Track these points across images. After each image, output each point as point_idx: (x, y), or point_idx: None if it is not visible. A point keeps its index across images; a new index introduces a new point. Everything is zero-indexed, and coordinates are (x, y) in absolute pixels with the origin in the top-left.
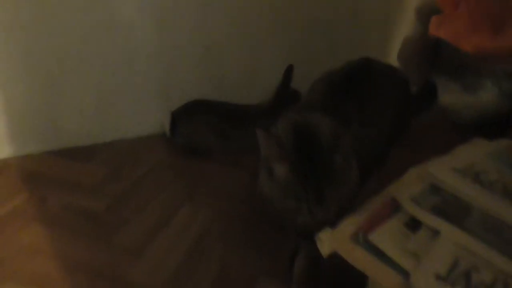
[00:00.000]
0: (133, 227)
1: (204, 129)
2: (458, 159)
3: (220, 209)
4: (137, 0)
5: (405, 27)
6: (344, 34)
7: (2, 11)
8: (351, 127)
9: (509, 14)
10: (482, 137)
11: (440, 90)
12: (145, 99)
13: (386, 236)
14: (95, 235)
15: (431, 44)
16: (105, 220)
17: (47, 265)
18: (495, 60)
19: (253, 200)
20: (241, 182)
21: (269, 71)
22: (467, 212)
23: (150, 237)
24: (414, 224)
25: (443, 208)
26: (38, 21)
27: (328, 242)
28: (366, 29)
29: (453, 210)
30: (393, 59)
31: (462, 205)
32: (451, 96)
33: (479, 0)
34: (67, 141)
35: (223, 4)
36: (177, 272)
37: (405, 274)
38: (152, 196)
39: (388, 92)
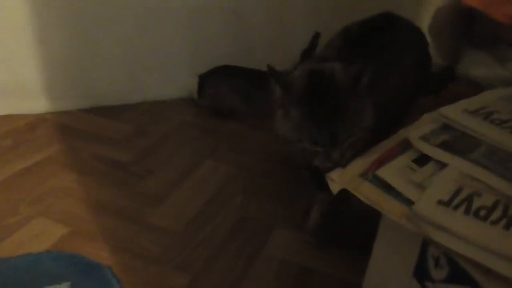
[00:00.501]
0: (156, 177)
1: (230, 91)
2: (471, 102)
3: (241, 164)
4: None
5: None
6: (374, 2)
7: None
8: (367, 74)
9: None
10: None
11: (472, 63)
12: (174, 62)
13: (393, 171)
14: (121, 182)
15: (464, 15)
16: (131, 170)
17: (75, 205)
18: None
19: (274, 156)
20: (263, 142)
21: (296, 38)
22: (475, 146)
23: (172, 186)
24: (422, 160)
25: (452, 143)
26: None
27: (338, 180)
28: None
29: (462, 145)
30: (424, 30)
31: (471, 140)
32: (483, 68)
33: None
34: (99, 100)
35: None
36: (196, 218)
37: (410, 203)
38: (176, 151)
39: (408, 45)
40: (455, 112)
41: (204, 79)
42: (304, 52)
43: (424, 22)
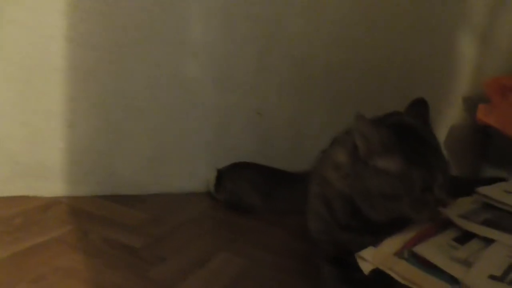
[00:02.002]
0: (168, 265)
1: (248, 186)
2: (509, 184)
3: (257, 258)
4: (202, 59)
5: (453, 116)
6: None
7: (81, 63)
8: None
9: None
10: None
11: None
12: (195, 155)
13: (433, 248)
14: (130, 267)
15: (480, 133)
16: (142, 256)
17: (78, 287)
18: None
19: (292, 253)
20: (280, 238)
21: (314, 139)
22: None
23: (184, 275)
24: (463, 239)
25: (495, 221)
26: (111, 68)
27: (370, 259)
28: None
29: (507, 222)
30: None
31: None
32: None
33: None
34: (118, 188)
35: (277, 72)
36: None
37: (454, 282)
38: (190, 241)
39: None
40: (496, 192)
41: (223, 173)
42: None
43: (441, 138)
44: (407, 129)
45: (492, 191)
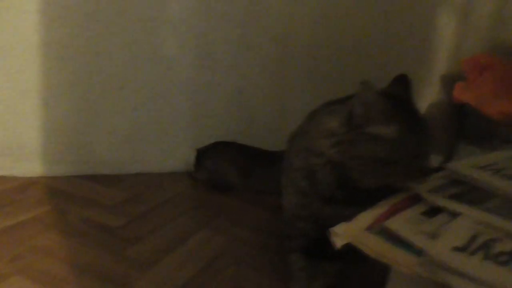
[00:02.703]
0: (146, 244)
1: (228, 166)
2: (479, 160)
3: (236, 236)
4: (181, 36)
5: (430, 94)
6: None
7: (56, 39)
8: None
9: None
10: None
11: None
12: (174, 135)
13: (402, 222)
14: (108, 246)
15: (457, 111)
16: (120, 235)
17: (56, 266)
18: None
19: (271, 230)
20: (260, 216)
21: (295, 117)
22: (488, 198)
23: (162, 254)
24: (431, 213)
25: (463, 195)
26: (86, 44)
27: (342, 234)
28: None
29: (474, 196)
30: None
31: (483, 193)
32: None
33: (504, 68)
34: (96, 168)
35: (258, 49)
36: (185, 287)
37: (420, 253)
38: (169, 220)
39: None
40: (464, 167)
41: (203, 153)
42: None
43: None
44: (400, 100)
45: (460, 167)
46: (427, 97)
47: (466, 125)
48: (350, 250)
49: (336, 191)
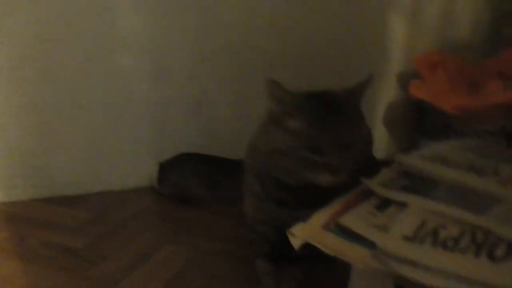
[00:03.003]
0: (110, 263)
1: (192, 177)
2: (426, 151)
3: (203, 248)
4: (135, 51)
5: (388, 93)
6: None
7: (5, 60)
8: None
9: (484, 76)
10: None
11: None
12: (136, 150)
13: (355, 217)
14: (71, 269)
15: (414, 108)
16: (83, 256)
17: None
18: (474, 119)
19: (239, 240)
20: (227, 227)
21: None
22: (435, 187)
23: (127, 271)
24: (383, 206)
25: (411, 187)
26: (37, 65)
27: (300, 235)
28: None
29: (421, 187)
30: (378, 123)
31: (430, 182)
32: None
33: (455, 64)
34: (57, 190)
35: (214, 60)
36: None
37: (373, 247)
38: (133, 237)
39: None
40: (412, 159)
41: (165, 166)
42: None
43: (379, 115)
44: (320, 97)
45: (409, 159)
46: (386, 96)
47: (424, 121)
48: (315, 251)
49: (282, 193)
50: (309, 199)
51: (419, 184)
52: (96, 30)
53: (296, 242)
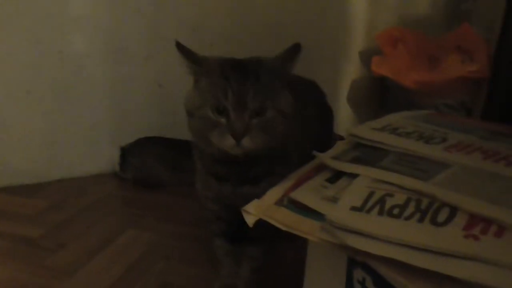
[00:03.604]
0: (69, 251)
1: (154, 161)
2: (377, 122)
3: (166, 231)
4: (88, 32)
5: (352, 71)
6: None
7: None
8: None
9: (442, 52)
10: None
11: None
12: (95, 135)
13: (307, 191)
14: (28, 258)
15: (378, 84)
16: (41, 245)
17: None
18: (435, 94)
19: (201, 222)
20: (190, 209)
21: None
22: (384, 156)
23: (87, 257)
24: (335, 179)
25: (361, 158)
26: None
27: (254, 212)
28: (314, 74)
29: (371, 157)
30: (343, 102)
31: (380, 152)
32: None
33: (415, 39)
34: (12, 179)
35: (173, 40)
36: (112, 287)
37: (324, 220)
38: (94, 223)
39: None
40: (363, 130)
41: (127, 151)
42: None
43: (343, 93)
44: (234, 61)
45: (360, 130)
46: (350, 74)
47: (387, 97)
48: (272, 230)
49: (217, 167)
50: (243, 174)
51: (369, 155)
52: (47, 10)
53: (250, 219)
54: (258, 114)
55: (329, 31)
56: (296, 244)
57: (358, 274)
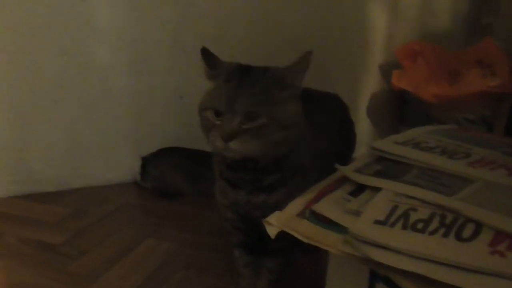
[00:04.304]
0: (90, 258)
1: (174, 172)
2: (400, 136)
3: (185, 241)
4: (113, 44)
5: (371, 84)
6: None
7: None
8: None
9: (463, 65)
10: None
11: None
12: (117, 145)
13: (329, 204)
14: (49, 264)
15: (398, 98)
16: (62, 252)
17: None
18: (455, 108)
19: (220, 232)
20: (209, 220)
21: None
22: (407, 170)
23: (107, 265)
24: (357, 192)
25: (384, 171)
26: (13, 59)
27: (275, 223)
28: (334, 87)
29: (394, 171)
30: (362, 114)
31: (402, 166)
32: None
33: (435, 53)
34: (35, 186)
35: (194, 51)
36: None
37: (346, 232)
38: (114, 232)
39: (327, 111)
40: (386, 144)
41: (148, 161)
42: None
43: (362, 106)
44: (242, 68)
45: (383, 144)
46: (369, 87)
47: (406, 111)
48: (291, 243)
49: (229, 173)
50: (255, 182)
51: (392, 169)
52: (73, 23)
53: (272, 230)
54: (250, 120)
55: (349, 44)
56: (315, 256)
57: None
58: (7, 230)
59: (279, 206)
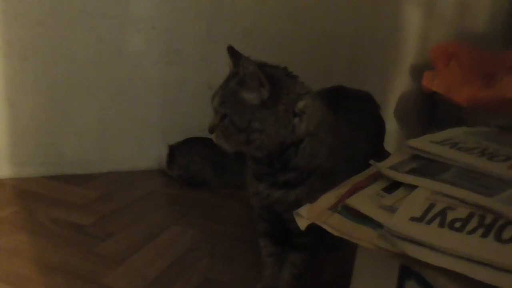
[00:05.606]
0: (117, 241)
1: (200, 161)
2: (436, 136)
3: (209, 229)
4: (147, 33)
5: (401, 84)
6: None
7: (18, 38)
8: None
9: (498, 68)
10: None
11: None
12: (145, 132)
13: (363, 199)
14: (77, 245)
15: (427, 99)
16: (90, 233)
17: (23, 266)
18: (487, 113)
19: (245, 222)
20: (234, 210)
21: None
22: (444, 170)
23: (132, 250)
24: (391, 189)
25: (420, 169)
26: (50, 43)
27: (306, 215)
28: (362, 85)
29: (430, 169)
30: (389, 115)
31: (439, 165)
32: None
33: (470, 55)
34: (67, 168)
35: (225, 43)
36: (157, 280)
37: (380, 228)
38: (140, 217)
39: (361, 109)
40: (422, 143)
41: (175, 149)
42: None
43: (390, 106)
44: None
45: (419, 143)
46: (399, 87)
47: (436, 113)
48: (319, 239)
49: (254, 165)
50: (272, 177)
51: (428, 167)
52: (109, 11)
53: (302, 222)
54: (223, 118)
55: (381, 43)
56: (337, 258)
57: (411, 286)
58: (39, 209)
59: (298, 203)
